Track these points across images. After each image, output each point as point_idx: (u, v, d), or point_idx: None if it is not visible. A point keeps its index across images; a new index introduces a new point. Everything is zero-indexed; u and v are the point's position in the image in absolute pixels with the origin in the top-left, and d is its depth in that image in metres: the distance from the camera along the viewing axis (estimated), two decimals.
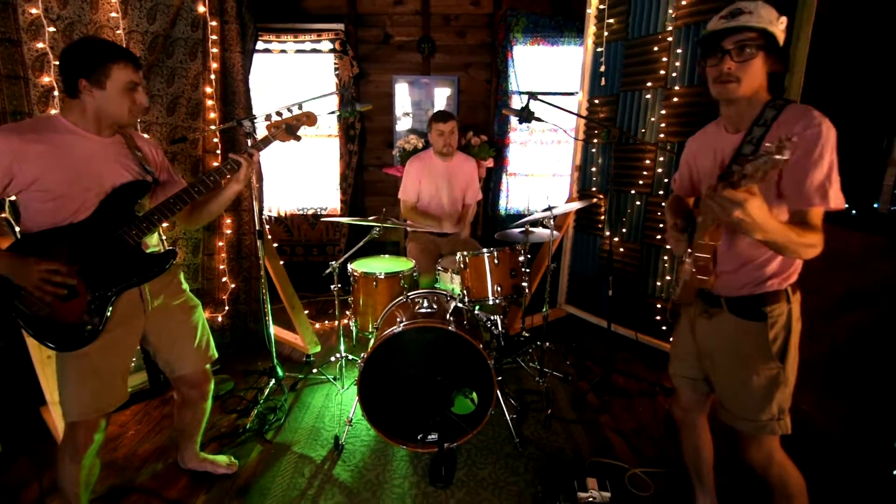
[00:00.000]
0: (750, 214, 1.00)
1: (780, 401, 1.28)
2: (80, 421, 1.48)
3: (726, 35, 1.21)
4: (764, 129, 1.23)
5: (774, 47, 1.21)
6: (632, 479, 1.94)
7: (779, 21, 1.21)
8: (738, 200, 0.99)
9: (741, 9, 1.21)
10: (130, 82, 1.44)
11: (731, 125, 1.31)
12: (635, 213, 2.90)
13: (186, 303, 1.72)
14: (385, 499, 1.84)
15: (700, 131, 1.47)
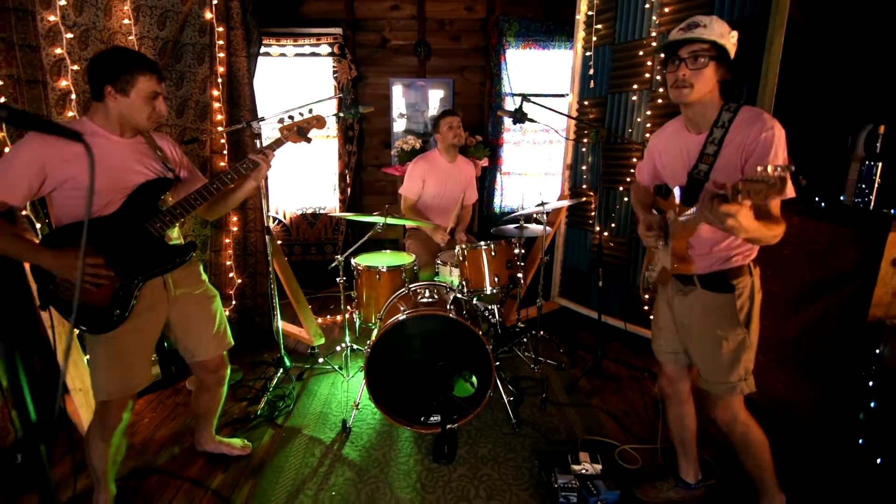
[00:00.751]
0: (740, 223, 1.13)
1: (746, 362, 1.45)
2: (110, 400, 1.59)
3: (682, 45, 1.36)
4: (723, 130, 1.38)
5: (725, 58, 1.36)
6: (621, 454, 2.09)
7: (730, 35, 1.36)
8: (732, 213, 1.12)
9: (697, 22, 1.36)
10: (153, 92, 1.56)
11: (692, 126, 1.46)
12: (623, 209, 3.05)
13: (206, 293, 1.84)
14: (392, 474, 1.96)
15: (662, 129, 1.63)
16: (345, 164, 4.23)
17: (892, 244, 1.74)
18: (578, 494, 1.77)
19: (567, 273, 3.56)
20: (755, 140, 1.31)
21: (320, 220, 4.37)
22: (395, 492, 1.87)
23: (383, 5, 4.15)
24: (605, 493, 1.76)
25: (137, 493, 1.87)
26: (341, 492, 1.87)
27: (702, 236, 1.45)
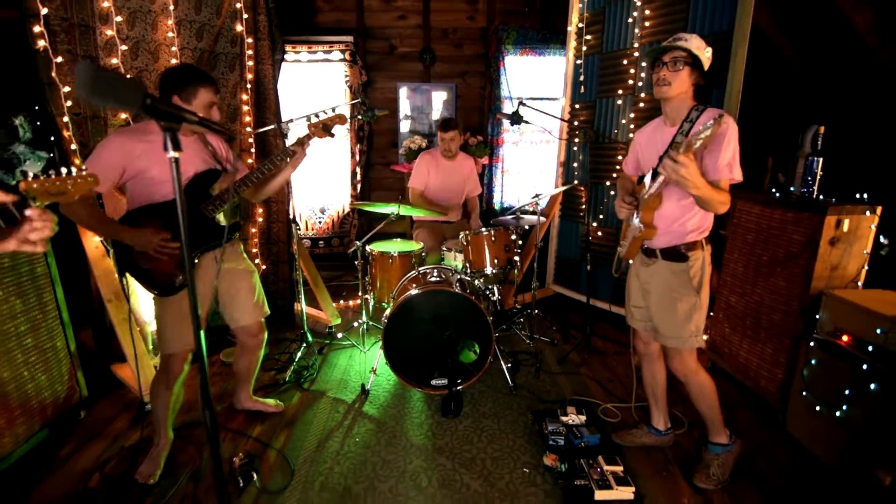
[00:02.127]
0: (690, 173, 1.46)
1: (697, 321, 1.77)
2: (174, 353, 1.91)
3: (665, 52, 1.70)
4: (691, 124, 1.71)
5: (699, 66, 1.70)
6: (604, 411, 2.41)
7: (705, 49, 1.70)
8: (683, 163, 1.45)
9: (680, 37, 1.70)
10: (210, 102, 1.88)
11: (668, 120, 1.79)
12: (610, 202, 3.38)
13: (247, 268, 2.16)
14: (407, 425, 2.29)
15: (645, 126, 1.95)
16: (356, 163, 4.55)
17: (829, 226, 2.06)
18: (565, 438, 2.09)
19: (560, 261, 3.89)
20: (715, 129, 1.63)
21: (329, 216, 4.69)
22: (410, 438, 2.19)
23: (391, 15, 4.47)
24: (587, 436, 2.08)
25: (189, 440, 2.18)
26: (364, 438, 2.19)
27: (664, 214, 1.77)
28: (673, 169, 1.47)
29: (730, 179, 1.66)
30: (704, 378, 1.85)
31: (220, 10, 2.96)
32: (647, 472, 1.99)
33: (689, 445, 2.15)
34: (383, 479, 1.93)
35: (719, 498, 1.84)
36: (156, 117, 0.88)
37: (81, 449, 2.14)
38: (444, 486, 1.89)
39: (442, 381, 2.48)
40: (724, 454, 1.90)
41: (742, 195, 2.55)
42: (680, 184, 1.53)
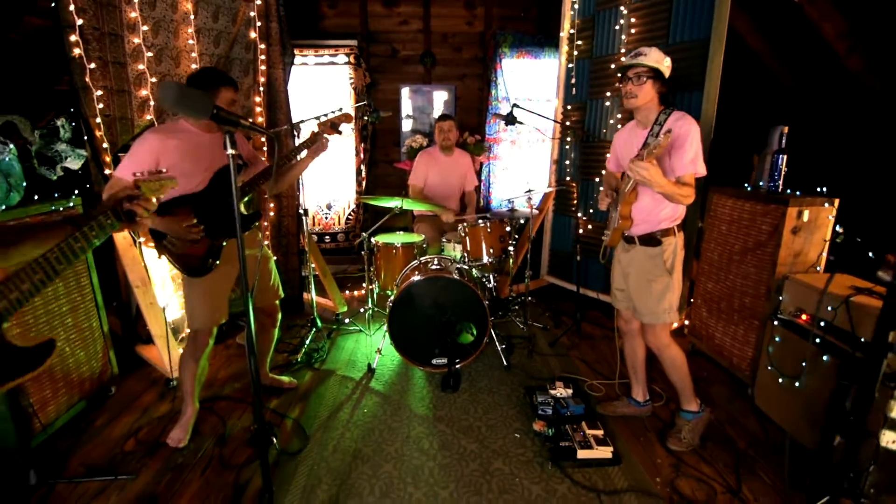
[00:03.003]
0: (651, 174, 1.69)
1: (670, 300, 1.99)
2: (201, 328, 2.13)
3: (630, 68, 1.92)
4: (659, 126, 1.94)
5: (661, 77, 1.92)
6: (590, 387, 2.63)
7: (664, 61, 1.92)
8: (644, 166, 1.68)
9: (640, 52, 1.92)
10: (231, 100, 2.10)
11: (640, 125, 2.02)
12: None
13: (265, 254, 2.38)
14: (410, 398, 2.51)
15: (623, 128, 2.18)
16: (360, 160, 4.77)
17: (791, 217, 2.28)
18: (553, 408, 2.31)
19: (554, 254, 4.11)
20: (676, 133, 1.86)
21: (335, 212, 4.91)
22: (413, 409, 2.42)
23: (394, 21, 4.70)
24: (573, 406, 2.30)
25: (213, 412, 2.41)
26: (371, 409, 2.42)
27: (641, 206, 2.00)
28: (637, 172, 1.70)
29: (694, 174, 1.88)
30: (676, 351, 2.08)
31: (235, 19, 3.18)
32: (626, 436, 2.22)
33: (666, 416, 2.37)
34: (389, 443, 2.16)
35: (689, 458, 2.07)
36: (219, 122, 1.10)
37: (115, 419, 2.36)
38: (444, 448, 2.12)
39: (442, 360, 2.70)
40: (694, 420, 2.13)
41: (717, 189, 2.78)
42: (645, 184, 1.76)
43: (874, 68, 2.96)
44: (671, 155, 1.90)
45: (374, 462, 2.03)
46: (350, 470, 1.99)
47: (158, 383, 2.68)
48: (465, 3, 4.73)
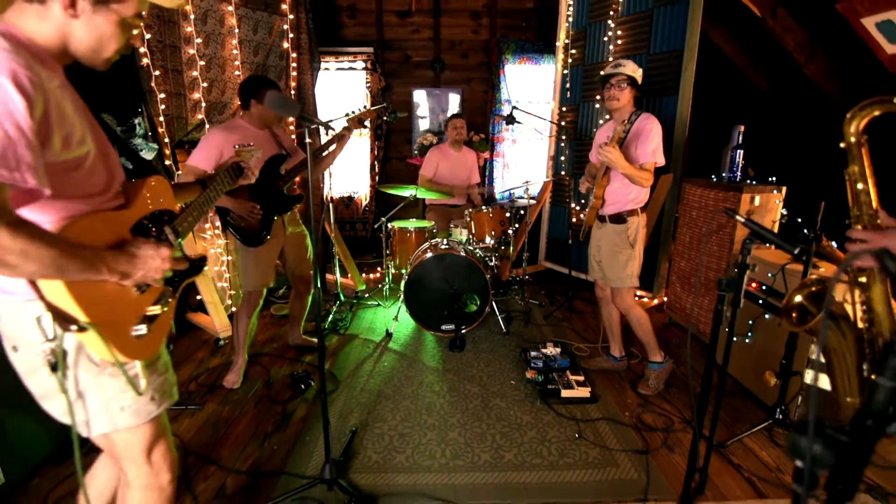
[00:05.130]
0: (614, 157, 2.13)
1: (632, 268, 2.43)
2: (255, 290, 2.60)
3: (611, 77, 2.36)
4: (630, 124, 2.37)
5: (636, 84, 2.36)
6: (576, 349, 3.07)
7: (638, 71, 2.36)
8: (608, 150, 2.13)
9: (620, 63, 2.36)
10: None
11: (617, 122, 2.45)
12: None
13: (303, 231, 2.84)
14: (423, 356, 2.97)
15: (603, 126, 2.62)
16: (375, 157, 5.24)
17: (745, 202, 2.71)
18: (543, 361, 2.75)
19: (551, 241, 4.55)
20: (641, 129, 2.30)
21: (354, 202, 5.38)
22: (425, 363, 2.87)
23: (407, 30, 5.16)
24: (560, 360, 2.74)
25: (257, 363, 2.87)
26: (390, 363, 2.87)
27: (612, 190, 2.44)
28: (603, 155, 2.15)
29: (653, 163, 2.32)
30: (640, 312, 2.51)
31: (271, 31, 3.65)
32: (604, 384, 2.65)
33: (639, 370, 2.80)
34: (406, 386, 2.61)
35: (654, 399, 2.50)
36: (301, 120, 1.55)
37: (177, 368, 2.82)
38: (452, 391, 2.57)
39: (450, 326, 3.15)
40: (659, 369, 2.56)
41: (689, 181, 3.21)
42: (609, 164, 2.20)
43: (830, 75, 3.38)
44: (637, 146, 2.34)
45: (395, 399, 2.49)
46: (375, 404, 2.44)
47: (208, 343, 3.15)
48: (472, 14, 5.18)
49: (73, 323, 0.93)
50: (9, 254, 0.78)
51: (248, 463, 2.02)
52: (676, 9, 3.28)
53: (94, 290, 0.96)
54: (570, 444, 2.13)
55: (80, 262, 0.89)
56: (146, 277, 1.03)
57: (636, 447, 2.11)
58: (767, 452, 2.11)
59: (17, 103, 0.79)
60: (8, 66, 0.79)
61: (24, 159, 0.80)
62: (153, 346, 1.11)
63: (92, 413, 1.05)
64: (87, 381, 1.03)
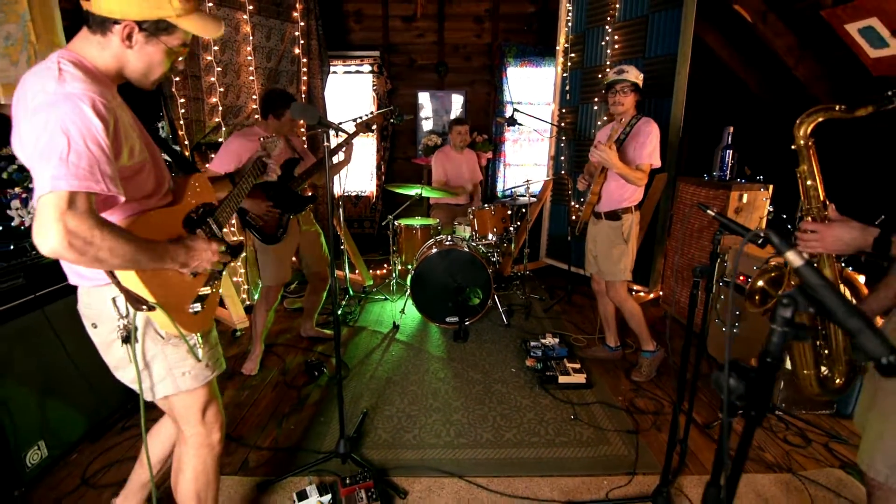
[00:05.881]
0: (607, 156, 2.29)
1: (625, 262, 2.58)
2: (273, 285, 2.77)
3: (616, 83, 2.51)
4: (631, 126, 2.53)
5: (638, 89, 2.51)
6: (574, 340, 3.23)
7: (639, 75, 2.50)
8: (602, 149, 2.28)
9: (623, 69, 2.51)
10: (295, 120, 2.73)
11: (618, 124, 2.61)
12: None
13: (317, 230, 3.01)
14: (428, 346, 3.13)
15: (604, 128, 2.78)
16: (381, 157, 5.41)
17: (733, 199, 2.86)
18: (542, 351, 2.91)
19: (552, 238, 4.70)
20: (641, 132, 2.46)
21: (361, 201, 5.55)
22: (431, 352, 3.04)
23: (412, 34, 5.32)
24: (558, 349, 2.90)
25: (273, 353, 3.04)
26: (398, 353, 3.04)
27: (608, 188, 2.59)
28: (597, 154, 2.31)
29: (649, 164, 2.47)
30: (632, 304, 2.66)
31: (283, 38, 3.83)
32: (599, 371, 2.81)
33: (634, 360, 2.95)
34: (413, 373, 2.78)
35: (646, 385, 2.66)
36: (321, 125, 1.72)
37: None
38: (456, 377, 2.73)
39: (454, 318, 3.31)
40: (651, 358, 2.71)
41: (683, 179, 3.36)
42: (603, 163, 2.36)
43: (819, 77, 3.51)
44: (635, 148, 2.49)
45: (403, 385, 2.65)
46: (384, 389, 2.61)
47: (225, 334, 3.33)
48: (475, 18, 5.34)
49: (143, 303, 1.10)
50: (100, 250, 0.95)
51: (267, 441, 2.20)
52: (670, 14, 3.43)
53: (158, 276, 1.14)
54: (566, 424, 2.29)
55: (152, 254, 1.07)
56: (199, 266, 1.21)
57: (627, 427, 2.27)
58: None
59: (98, 126, 0.96)
60: (87, 95, 0.96)
61: (107, 172, 0.97)
62: (207, 320, 1.30)
63: (157, 378, 1.24)
64: (154, 351, 1.21)
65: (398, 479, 1.93)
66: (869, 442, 1.27)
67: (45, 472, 1.96)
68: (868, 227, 1.17)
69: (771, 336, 0.62)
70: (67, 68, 0.99)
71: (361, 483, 1.75)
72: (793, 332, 0.60)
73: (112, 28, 1.06)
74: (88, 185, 0.94)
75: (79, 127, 0.94)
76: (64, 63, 1.00)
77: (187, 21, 1.12)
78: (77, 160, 0.93)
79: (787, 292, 0.59)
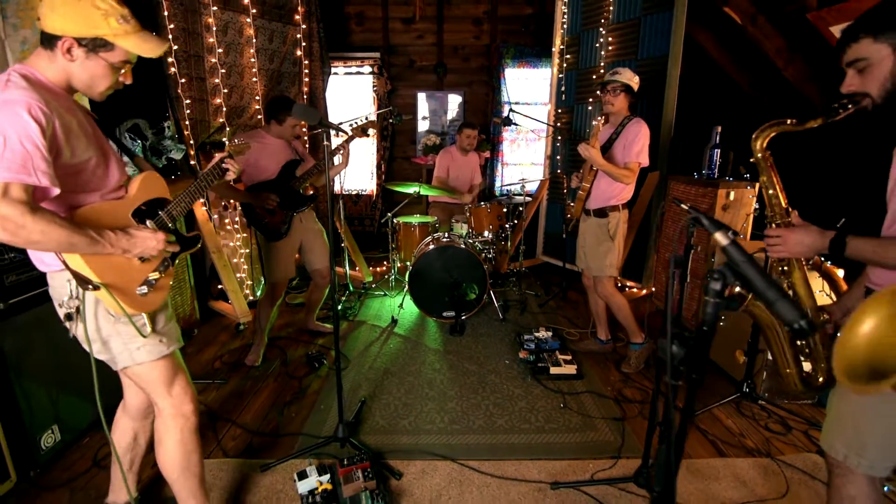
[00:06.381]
0: (591, 153, 2.39)
1: (611, 258, 2.67)
2: (277, 281, 2.87)
3: (608, 83, 2.60)
4: (622, 126, 2.62)
5: (631, 91, 2.59)
6: (567, 334, 3.32)
7: (634, 78, 2.59)
8: (585, 147, 2.39)
9: (616, 71, 2.60)
10: (295, 124, 2.83)
11: (610, 125, 2.70)
12: None
13: (320, 228, 3.10)
14: (425, 339, 3.23)
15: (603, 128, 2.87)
16: (381, 157, 5.51)
17: (721, 197, 2.95)
18: (535, 344, 3.00)
19: (548, 236, 4.79)
20: (630, 131, 2.55)
21: (362, 200, 5.66)
22: (428, 345, 3.14)
23: (411, 35, 5.42)
24: (550, 342, 2.99)
25: (275, 346, 3.14)
26: (396, 345, 3.14)
27: (598, 186, 2.68)
28: (582, 150, 2.40)
29: (638, 163, 2.56)
30: (619, 299, 2.75)
31: (285, 40, 3.93)
32: (590, 363, 2.90)
33: (624, 353, 3.04)
34: (410, 365, 2.87)
35: (635, 376, 2.75)
36: (322, 126, 1.82)
37: (202, 349, 3.11)
38: (452, 369, 2.83)
39: (451, 313, 3.41)
40: (639, 350, 2.80)
41: (674, 177, 3.44)
42: (588, 160, 2.46)
43: (808, 78, 3.60)
44: (624, 147, 2.58)
45: (400, 375, 2.75)
46: (382, 379, 2.71)
47: (229, 328, 3.43)
48: (473, 20, 5.43)
49: (88, 283, 1.24)
50: (32, 233, 1.10)
51: (270, 426, 2.30)
52: (662, 17, 3.52)
53: (104, 261, 1.28)
54: (556, 412, 2.38)
55: (87, 239, 1.20)
56: (143, 252, 1.35)
57: (615, 415, 2.37)
58: (733, 421, 2.35)
59: (33, 128, 1.09)
60: (24, 101, 1.10)
61: (40, 167, 1.10)
62: (154, 302, 1.42)
63: (116, 352, 1.38)
64: (108, 328, 1.36)
65: (394, 461, 2.02)
66: (830, 423, 1.33)
67: (58, 455, 2.06)
68: (825, 231, 1.25)
69: (705, 307, 0.71)
70: (15, 79, 1.14)
71: (359, 464, 1.85)
72: (724, 303, 0.69)
73: (56, 44, 1.20)
74: (20, 178, 1.08)
75: (15, 128, 1.08)
76: (13, 75, 1.15)
77: (125, 40, 1.24)
78: (11, 156, 1.07)
79: (717, 268, 0.68)
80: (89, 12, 1.18)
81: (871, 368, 0.67)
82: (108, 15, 1.20)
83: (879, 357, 0.71)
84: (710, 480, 1.94)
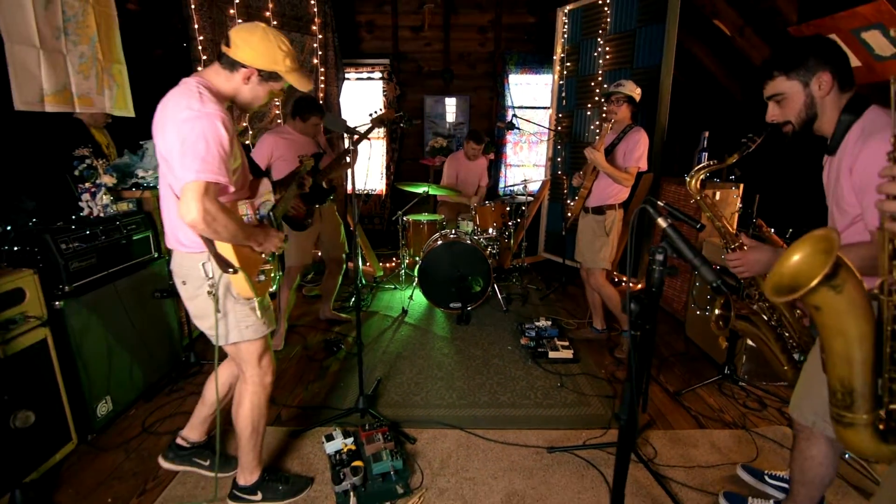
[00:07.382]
0: (595, 156, 2.64)
1: (604, 252, 2.92)
2: (294, 265, 3.14)
3: (612, 94, 2.86)
4: (624, 134, 2.87)
5: (633, 101, 2.85)
6: (566, 324, 3.57)
7: (636, 89, 2.84)
8: (590, 150, 2.64)
9: (620, 83, 2.86)
10: (317, 123, 3.10)
11: (613, 132, 2.95)
12: None
13: (337, 220, 3.37)
14: (434, 328, 3.49)
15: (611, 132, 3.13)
16: (390, 158, 5.77)
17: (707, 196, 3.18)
18: (535, 332, 3.25)
19: (549, 234, 5.04)
20: (630, 139, 2.80)
21: (372, 199, 5.93)
22: (436, 333, 3.40)
23: (419, 43, 5.69)
24: (549, 330, 3.25)
25: (295, 332, 3.41)
26: (407, 333, 3.40)
27: (599, 185, 2.93)
28: (588, 153, 2.66)
29: (636, 168, 2.82)
30: (610, 289, 3.00)
31: (303, 49, 4.20)
32: (586, 349, 3.15)
33: (618, 341, 3.29)
34: (420, 350, 3.13)
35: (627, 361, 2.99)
36: (346, 132, 2.09)
37: None
38: (458, 353, 3.09)
39: (457, 304, 3.66)
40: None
41: (666, 179, 3.69)
42: (592, 162, 2.71)
43: None
44: (625, 152, 2.84)
45: (411, 359, 3.01)
46: (395, 362, 2.97)
47: None
48: (479, 29, 5.70)
49: (230, 267, 1.48)
50: (218, 224, 1.36)
51: (296, 400, 2.56)
52: (655, 29, 3.76)
53: (242, 250, 1.52)
54: (553, 391, 2.64)
55: (246, 233, 1.48)
56: (267, 248, 1.62)
57: (607, 393, 2.62)
58: (714, 399, 2.59)
59: (225, 137, 1.36)
60: (219, 114, 1.36)
61: (228, 169, 1.38)
62: (265, 288, 1.67)
63: (231, 328, 1.61)
64: (229, 306, 1.59)
65: (408, 429, 2.28)
66: (800, 391, 1.47)
67: (110, 422, 2.33)
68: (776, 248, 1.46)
69: (652, 274, 0.96)
70: (205, 93, 1.39)
71: (378, 429, 2.11)
72: (666, 270, 0.95)
73: (239, 69, 1.46)
74: (218, 178, 1.35)
75: (214, 136, 1.34)
76: (202, 89, 1.39)
77: (291, 76, 1.53)
78: (212, 160, 1.33)
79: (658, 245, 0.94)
80: (275, 52, 1.46)
81: (789, 287, 0.86)
82: (286, 56, 1.49)
83: (795, 279, 0.89)
84: (689, 447, 2.19)
